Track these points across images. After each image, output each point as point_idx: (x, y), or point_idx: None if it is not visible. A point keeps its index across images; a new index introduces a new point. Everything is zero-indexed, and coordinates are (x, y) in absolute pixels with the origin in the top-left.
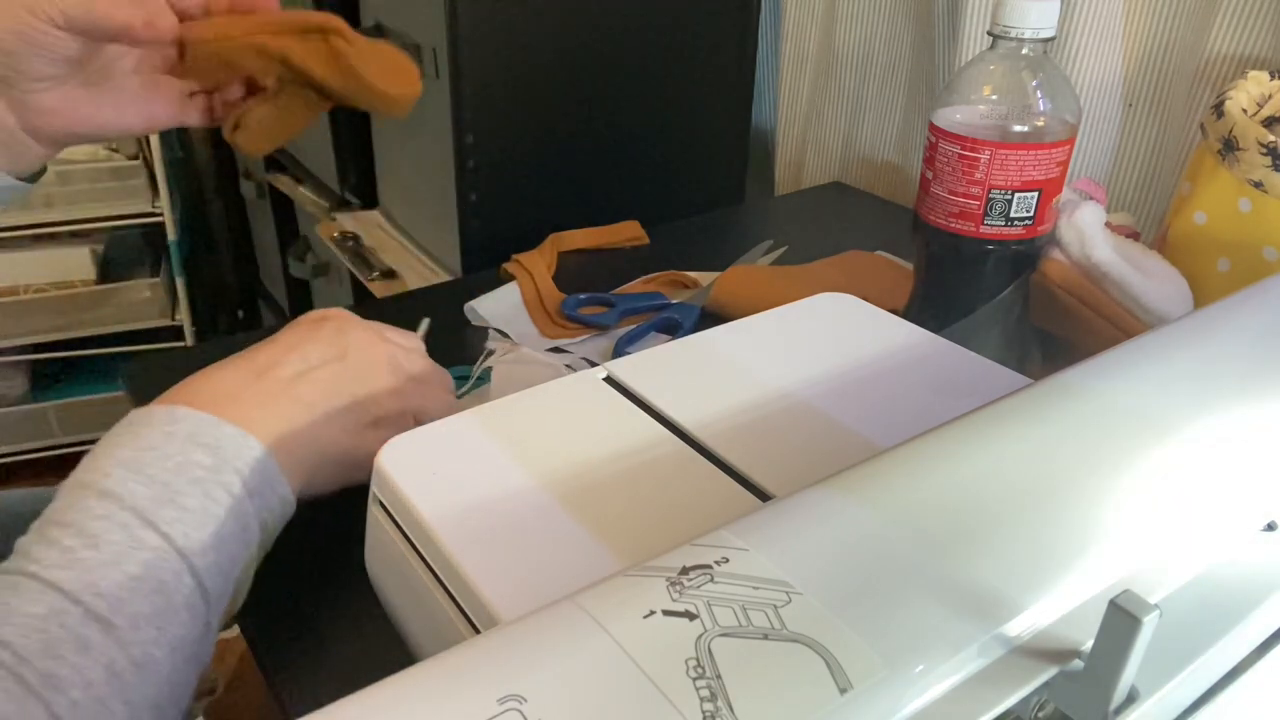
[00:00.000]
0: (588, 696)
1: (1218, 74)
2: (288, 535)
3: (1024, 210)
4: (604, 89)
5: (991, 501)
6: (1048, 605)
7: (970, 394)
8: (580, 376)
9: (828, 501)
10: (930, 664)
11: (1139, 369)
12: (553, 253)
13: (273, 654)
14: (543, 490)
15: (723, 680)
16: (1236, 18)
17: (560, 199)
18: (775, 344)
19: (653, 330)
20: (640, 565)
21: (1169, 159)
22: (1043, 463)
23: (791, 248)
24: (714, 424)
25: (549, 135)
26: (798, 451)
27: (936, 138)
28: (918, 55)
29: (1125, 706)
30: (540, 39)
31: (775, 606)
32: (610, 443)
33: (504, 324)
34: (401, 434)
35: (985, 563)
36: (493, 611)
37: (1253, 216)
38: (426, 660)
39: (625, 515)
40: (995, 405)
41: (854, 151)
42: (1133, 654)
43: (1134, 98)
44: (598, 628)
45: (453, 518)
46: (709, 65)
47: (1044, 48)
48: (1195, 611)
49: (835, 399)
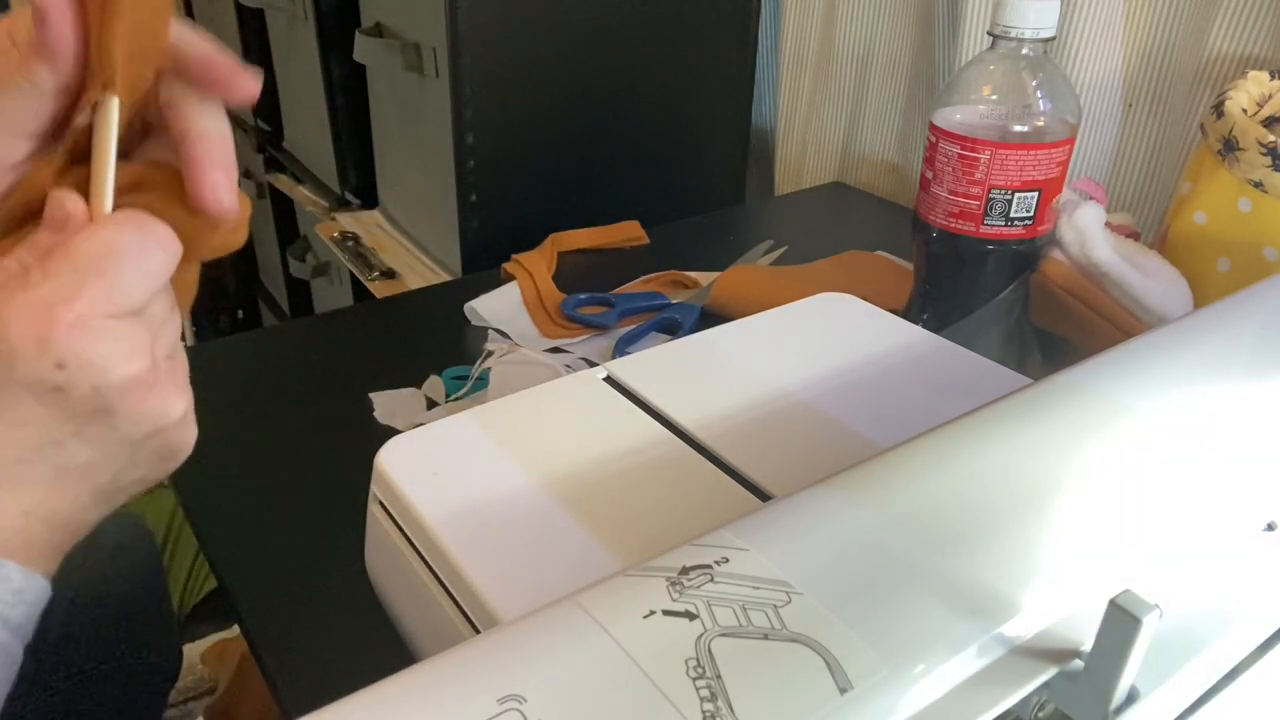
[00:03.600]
0: (588, 696)
1: (1218, 74)
2: (288, 535)
3: (1024, 210)
4: (604, 89)
5: (991, 501)
6: (1048, 605)
7: (970, 394)
8: (580, 376)
9: (828, 501)
10: (930, 664)
11: (1139, 369)
12: (553, 253)
13: (273, 654)
14: (543, 490)
15: (723, 680)
16: (1236, 18)
17: (560, 199)
18: (775, 344)
19: (653, 330)
20: (640, 565)
21: (1169, 159)
22: (1043, 463)
23: (791, 248)
24: (714, 424)
25: (549, 135)
26: (798, 451)
27: (936, 138)
28: (918, 55)
29: (1125, 706)
30: (540, 39)
31: (775, 606)
32: (610, 443)
33: (504, 324)
34: (402, 434)
35: (985, 563)
36: (493, 611)
37: (1253, 216)
38: (426, 660)
39: (625, 515)
40: (995, 405)
41: (854, 151)
42: (1133, 654)
43: (1134, 98)
44: (598, 628)
45: (453, 518)
46: (709, 65)
47: (1044, 48)
48: (1195, 611)
49: (835, 399)
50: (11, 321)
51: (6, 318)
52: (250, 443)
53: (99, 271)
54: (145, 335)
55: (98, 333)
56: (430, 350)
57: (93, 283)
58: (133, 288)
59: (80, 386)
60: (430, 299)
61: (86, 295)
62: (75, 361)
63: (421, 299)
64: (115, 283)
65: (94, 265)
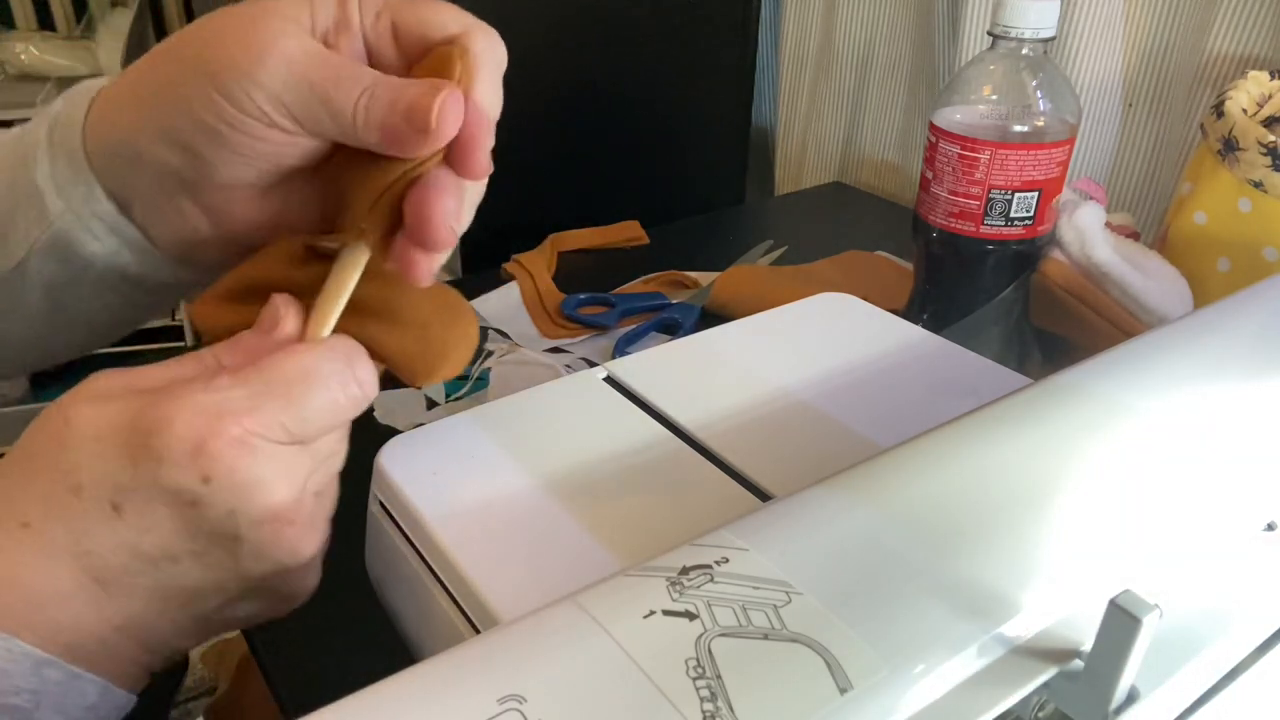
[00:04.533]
0: (588, 696)
1: (1218, 74)
2: None
3: (1024, 210)
4: (604, 89)
5: (991, 501)
6: (1048, 605)
7: (970, 394)
8: (580, 376)
9: (828, 501)
10: (930, 664)
11: (1139, 369)
12: (553, 253)
13: (273, 654)
14: (543, 490)
15: (723, 680)
16: (1236, 18)
17: (560, 199)
18: (775, 344)
19: (653, 330)
20: (640, 565)
21: (1169, 159)
22: (1043, 463)
23: (791, 248)
24: (714, 424)
25: (549, 135)
26: (798, 451)
27: (936, 138)
28: (918, 55)
29: (1125, 706)
30: (540, 38)
31: (775, 606)
32: (610, 443)
33: (504, 324)
34: (402, 434)
35: (986, 563)
36: (493, 611)
37: (1253, 216)
38: (426, 660)
39: (625, 515)
40: (995, 405)
41: (854, 151)
42: (1133, 654)
43: (1134, 98)
44: (598, 628)
45: (453, 518)
46: (709, 65)
47: (1044, 48)
48: (1195, 611)
49: (835, 399)
50: (175, 419)
51: (172, 414)
52: None
53: (286, 395)
54: (305, 468)
55: (256, 454)
56: None
57: (273, 404)
58: (313, 420)
59: (217, 506)
60: None
61: (263, 414)
62: (223, 479)
63: None
64: (298, 410)
65: (284, 387)
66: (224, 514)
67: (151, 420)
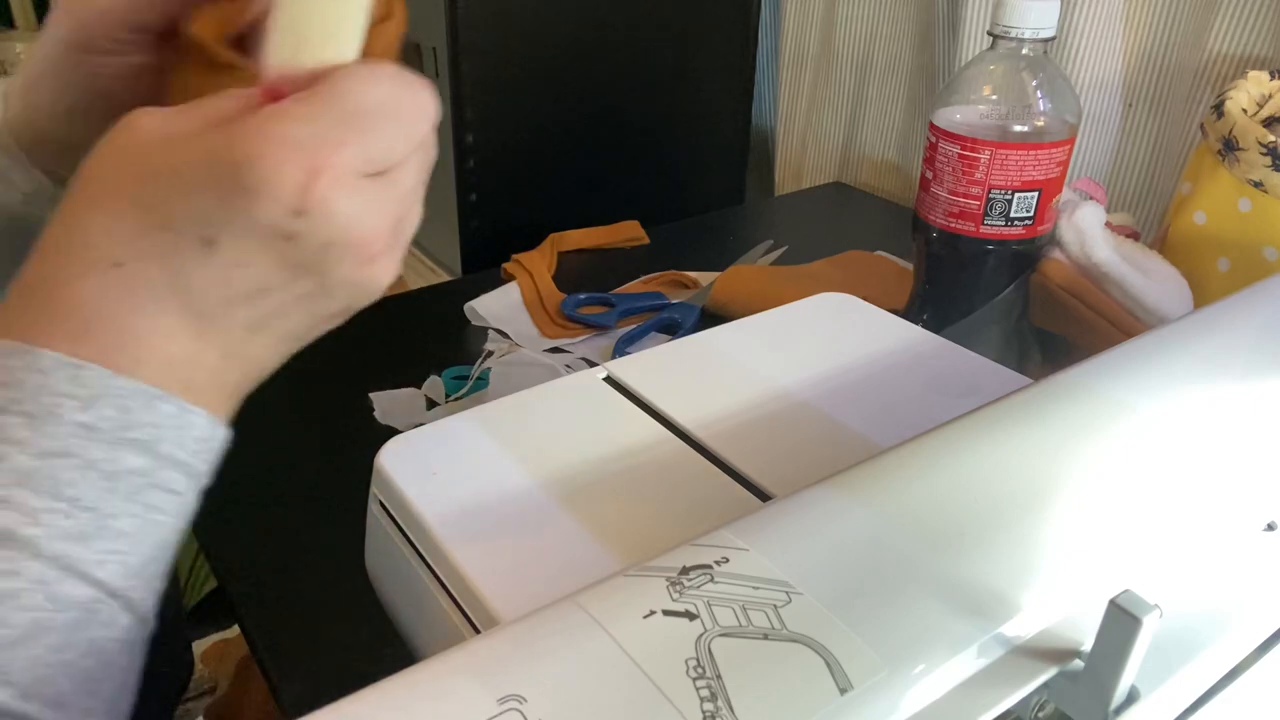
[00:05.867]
0: (588, 696)
1: (1218, 74)
2: (289, 535)
3: (1024, 210)
4: (604, 89)
5: (992, 501)
6: (1048, 605)
7: (970, 394)
8: (580, 376)
9: (828, 501)
10: (930, 664)
11: (1139, 369)
12: (553, 253)
13: (273, 654)
14: (543, 490)
15: (723, 680)
16: (1236, 18)
17: (560, 199)
18: (775, 344)
19: (653, 330)
20: (640, 565)
21: (1169, 159)
22: (1043, 463)
23: (791, 248)
24: (714, 424)
25: (549, 135)
26: (798, 451)
27: (936, 138)
28: (918, 55)
29: (1125, 706)
30: (540, 39)
31: (775, 606)
32: (610, 443)
33: (504, 324)
34: (402, 434)
35: (986, 563)
36: (493, 611)
37: (1253, 216)
38: (426, 660)
39: (625, 515)
40: (995, 405)
41: (854, 151)
42: (1133, 654)
43: (1134, 98)
44: (598, 628)
45: (453, 518)
46: (709, 65)
47: (1044, 48)
48: (1195, 611)
49: (835, 399)
50: (265, 155)
51: (258, 150)
52: (250, 443)
53: (364, 128)
54: (391, 201)
55: (351, 190)
56: (430, 350)
57: (357, 138)
58: (397, 149)
59: (312, 240)
60: (430, 299)
61: (350, 149)
62: (320, 214)
63: (421, 299)
64: (378, 141)
65: (360, 119)
66: (317, 247)
67: (241, 154)
